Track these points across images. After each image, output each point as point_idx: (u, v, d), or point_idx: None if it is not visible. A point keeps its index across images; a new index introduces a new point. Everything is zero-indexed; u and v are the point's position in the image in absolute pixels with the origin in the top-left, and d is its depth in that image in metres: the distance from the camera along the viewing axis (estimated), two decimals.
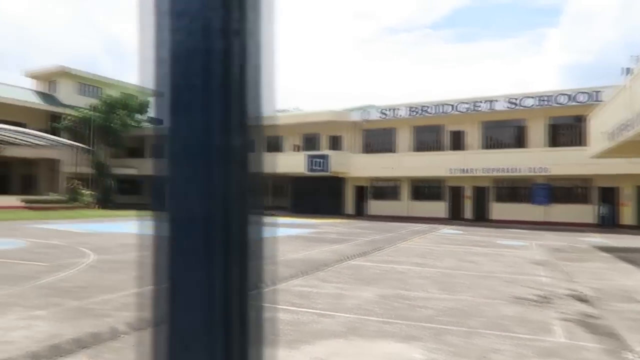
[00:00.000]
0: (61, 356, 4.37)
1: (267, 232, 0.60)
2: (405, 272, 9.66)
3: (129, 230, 17.27)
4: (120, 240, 13.98)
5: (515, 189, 29.54)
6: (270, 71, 0.61)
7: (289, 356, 4.53)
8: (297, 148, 36.83)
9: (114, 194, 38.96)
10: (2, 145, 32.50)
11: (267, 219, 0.60)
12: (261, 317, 0.60)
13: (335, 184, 34.19)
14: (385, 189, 33.45)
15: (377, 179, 33.23)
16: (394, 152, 32.96)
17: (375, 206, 33.31)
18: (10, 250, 11.62)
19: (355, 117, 33.71)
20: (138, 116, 42.00)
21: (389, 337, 5.24)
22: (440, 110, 30.78)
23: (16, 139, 31.51)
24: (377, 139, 34.32)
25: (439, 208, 31.24)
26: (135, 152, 44.38)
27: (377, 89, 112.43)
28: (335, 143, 35.47)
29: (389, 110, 32.68)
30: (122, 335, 5.00)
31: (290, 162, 34.57)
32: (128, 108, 40.60)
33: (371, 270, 9.88)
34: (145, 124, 43.31)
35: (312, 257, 11.43)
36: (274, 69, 0.61)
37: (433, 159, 30.50)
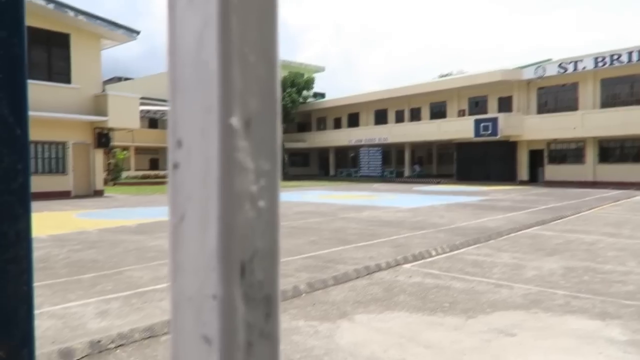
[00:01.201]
0: None
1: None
2: (595, 243, 8.60)
3: (301, 199, 18.57)
4: (295, 208, 15.10)
5: None
6: None
7: (467, 325, 4.40)
8: (462, 113, 35.13)
9: (287, 166, 42.26)
10: None
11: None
12: None
13: (506, 148, 31.84)
14: (566, 152, 30.02)
15: (556, 141, 29.95)
16: (576, 109, 29.23)
17: (552, 171, 30.20)
18: None
19: (529, 74, 30.60)
20: (305, 92, 44.47)
21: (579, 312, 4.73)
22: (637, 58, 26.13)
23: None
24: (555, 96, 30.80)
25: (636, 171, 26.96)
26: (304, 127, 47.28)
27: (552, 42, 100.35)
28: (504, 105, 32.83)
29: (570, 63, 28.90)
30: (303, 294, 5.41)
31: (455, 128, 33.21)
32: (295, 85, 43.21)
33: (553, 240, 9.02)
34: (311, 99, 45.66)
35: (484, 225, 10.88)
36: None
37: (628, 114, 26.25)
